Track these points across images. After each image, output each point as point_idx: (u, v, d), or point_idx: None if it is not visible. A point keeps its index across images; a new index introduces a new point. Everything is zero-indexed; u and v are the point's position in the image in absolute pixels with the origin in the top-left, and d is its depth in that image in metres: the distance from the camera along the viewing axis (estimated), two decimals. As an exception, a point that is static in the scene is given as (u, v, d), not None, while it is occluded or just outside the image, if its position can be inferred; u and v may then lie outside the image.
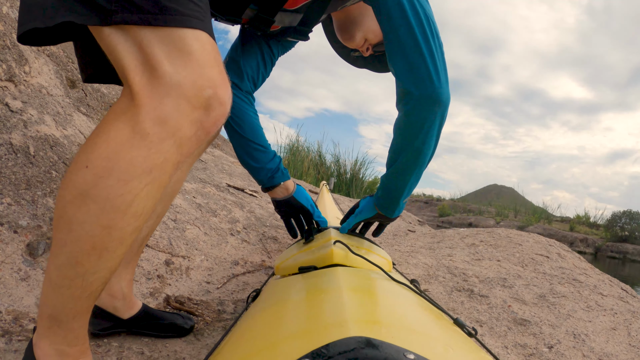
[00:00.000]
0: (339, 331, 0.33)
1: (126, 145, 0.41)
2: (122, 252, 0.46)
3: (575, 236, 10.58)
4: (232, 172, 2.55)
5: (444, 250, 1.88)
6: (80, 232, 0.42)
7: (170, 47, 0.41)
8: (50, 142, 1.14)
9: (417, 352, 0.30)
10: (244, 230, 1.64)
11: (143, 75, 0.41)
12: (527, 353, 1.07)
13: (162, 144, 0.42)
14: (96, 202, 0.41)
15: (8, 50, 1.19)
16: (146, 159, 0.41)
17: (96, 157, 0.41)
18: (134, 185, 0.42)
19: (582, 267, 1.83)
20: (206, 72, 0.43)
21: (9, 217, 0.92)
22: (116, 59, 0.42)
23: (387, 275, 0.65)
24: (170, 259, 1.17)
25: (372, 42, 0.94)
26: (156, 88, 0.41)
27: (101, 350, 0.74)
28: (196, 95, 0.42)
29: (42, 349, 0.50)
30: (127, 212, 0.42)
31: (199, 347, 0.82)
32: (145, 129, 0.41)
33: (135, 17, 0.40)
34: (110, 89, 1.82)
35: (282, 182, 0.96)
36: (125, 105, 0.42)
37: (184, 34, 0.42)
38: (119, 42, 0.41)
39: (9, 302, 0.80)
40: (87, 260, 0.44)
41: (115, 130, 0.41)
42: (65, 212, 0.43)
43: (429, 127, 0.71)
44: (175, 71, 0.41)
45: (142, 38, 0.41)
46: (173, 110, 0.41)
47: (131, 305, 0.78)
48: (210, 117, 0.44)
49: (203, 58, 0.43)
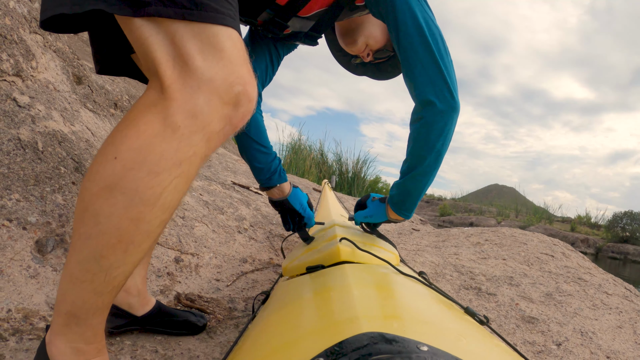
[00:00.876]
0: (351, 328, 0.33)
1: (157, 138, 0.41)
2: (148, 246, 0.45)
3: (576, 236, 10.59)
4: (237, 169, 2.54)
5: (449, 248, 1.88)
6: (107, 225, 0.42)
7: (204, 43, 0.41)
8: (59, 137, 1.13)
9: (430, 344, 0.30)
10: (251, 228, 1.63)
11: (175, 68, 0.41)
12: (536, 350, 1.07)
13: (192, 138, 0.42)
14: (125, 194, 0.41)
15: (15, 45, 1.18)
16: (177, 152, 0.41)
17: (126, 149, 0.41)
18: (163, 178, 0.41)
19: (586, 266, 1.83)
20: (237, 69, 0.43)
21: (17, 213, 0.92)
22: (146, 52, 0.42)
23: (395, 269, 0.65)
24: (179, 257, 1.17)
25: (374, 48, 0.96)
26: (188, 82, 0.41)
27: (114, 349, 0.74)
28: (227, 91, 0.42)
29: (58, 347, 0.49)
30: (155, 205, 0.42)
31: (212, 345, 0.82)
32: (177, 122, 0.41)
33: (170, 10, 0.40)
34: (114, 86, 1.81)
35: (278, 184, 1.01)
36: (154, 98, 0.41)
37: (217, 31, 0.42)
38: (150, 35, 0.41)
39: (18, 300, 0.79)
40: (112, 254, 0.43)
41: (145, 122, 0.41)
42: (91, 205, 0.42)
43: (448, 131, 0.80)
44: (207, 66, 0.41)
45: (175, 32, 0.41)
46: (204, 105, 0.41)
47: (145, 302, 0.78)
48: (239, 113, 0.44)
49: (234, 55, 0.43)
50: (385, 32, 0.95)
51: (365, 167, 6.76)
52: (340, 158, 6.80)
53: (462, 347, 0.33)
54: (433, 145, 0.80)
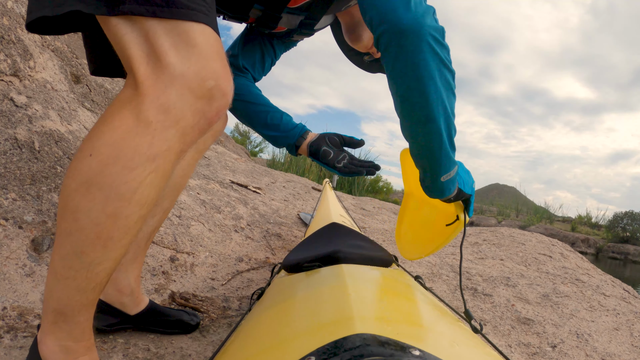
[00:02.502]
0: (344, 328, 0.33)
1: (131, 133, 0.41)
2: (127, 242, 0.46)
3: (577, 236, 10.57)
4: (236, 168, 2.55)
5: (447, 248, 1.88)
6: (85, 220, 0.42)
7: (176, 39, 0.42)
8: (55, 137, 1.14)
9: (423, 348, 0.30)
10: (248, 227, 1.64)
11: (148, 65, 0.41)
12: (531, 352, 1.07)
13: (165, 132, 0.42)
14: (101, 190, 0.42)
15: (13, 45, 1.18)
16: (150, 147, 0.42)
17: (101, 145, 0.42)
18: (138, 173, 0.42)
19: (584, 267, 1.83)
20: (210, 64, 0.43)
21: (13, 212, 0.92)
22: (122, 49, 0.43)
23: (392, 272, 0.65)
24: (175, 255, 1.17)
25: None
26: (160, 78, 0.41)
27: (107, 347, 0.74)
28: (199, 85, 0.43)
29: (48, 346, 0.49)
30: (131, 200, 0.43)
31: (204, 344, 0.82)
32: (149, 117, 0.41)
33: (142, 8, 0.41)
34: (114, 84, 1.82)
35: (304, 133, 0.89)
36: (129, 94, 0.42)
37: (189, 27, 0.43)
38: (125, 32, 0.42)
39: (13, 298, 0.80)
40: (92, 250, 0.44)
41: (119, 118, 0.42)
42: (71, 201, 0.43)
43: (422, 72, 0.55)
44: (179, 62, 0.42)
45: (148, 29, 0.42)
46: (176, 100, 0.42)
47: (138, 301, 0.78)
48: (213, 107, 0.45)
49: (207, 51, 0.44)
50: None
51: (366, 166, 6.75)
52: (340, 157, 6.78)
53: (453, 354, 0.33)
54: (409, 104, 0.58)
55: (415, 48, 0.53)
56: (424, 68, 0.54)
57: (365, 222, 2.63)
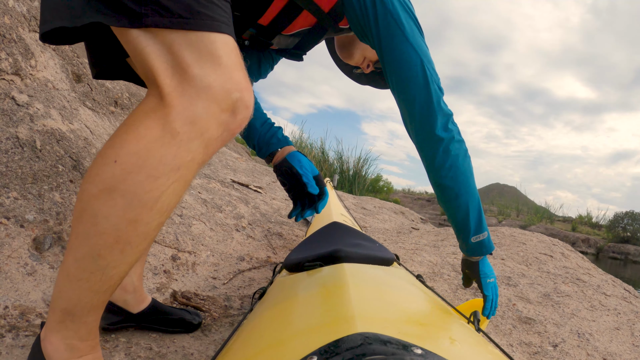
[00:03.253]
0: (346, 327, 0.33)
1: (157, 143, 0.41)
2: (144, 247, 0.46)
3: (577, 236, 10.56)
4: (236, 167, 2.55)
5: (448, 248, 1.88)
6: (105, 225, 0.43)
7: (201, 51, 0.42)
8: (57, 136, 1.14)
9: (425, 347, 0.30)
10: (249, 226, 1.64)
11: (173, 77, 0.41)
12: (532, 351, 1.07)
13: (190, 144, 0.43)
14: (124, 197, 0.42)
15: (14, 44, 1.18)
16: (175, 157, 0.42)
17: (126, 153, 0.42)
18: (162, 182, 0.42)
19: (585, 266, 1.82)
20: (234, 75, 0.44)
21: (15, 211, 0.92)
22: (144, 61, 0.42)
23: (393, 271, 0.65)
24: (176, 254, 1.17)
25: (372, 60, 0.95)
26: (187, 90, 0.42)
27: (109, 346, 0.74)
28: (225, 98, 0.43)
29: (52, 343, 0.49)
30: (153, 208, 0.43)
31: (206, 343, 0.82)
32: (176, 128, 0.42)
33: (167, 20, 0.41)
34: (114, 83, 1.82)
35: (278, 148, 0.92)
36: (154, 105, 0.42)
37: (214, 39, 0.43)
38: (147, 44, 0.42)
39: (15, 297, 0.80)
40: (109, 254, 0.44)
41: (145, 128, 0.42)
42: (90, 206, 0.43)
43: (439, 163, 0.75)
44: (205, 74, 0.42)
45: (172, 41, 0.42)
46: (203, 112, 0.42)
47: (141, 299, 0.79)
48: (237, 119, 0.45)
49: (230, 62, 0.44)
50: None
51: (367, 165, 6.77)
52: (341, 156, 6.81)
53: (455, 352, 0.33)
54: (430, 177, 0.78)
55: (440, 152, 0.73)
56: (447, 162, 0.74)
57: (366, 222, 2.63)
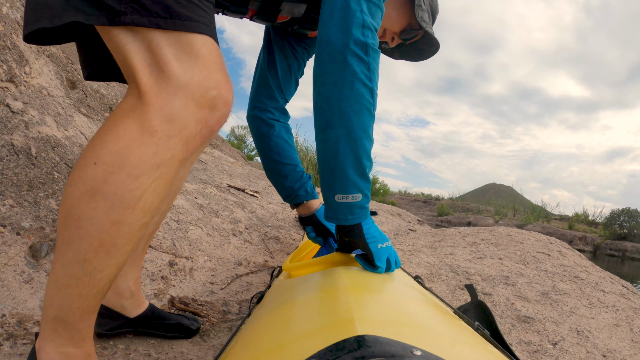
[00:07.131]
0: (345, 330, 0.33)
1: (135, 142, 0.42)
2: (130, 249, 0.46)
3: (574, 234, 10.61)
4: (232, 172, 2.54)
5: (445, 249, 1.88)
6: (89, 228, 0.42)
7: (179, 50, 0.43)
8: (52, 143, 1.13)
9: (424, 348, 0.30)
10: (246, 231, 1.63)
11: (151, 75, 0.42)
12: (532, 350, 1.07)
13: (169, 141, 0.43)
14: (106, 198, 0.42)
15: (8, 51, 1.18)
16: (154, 155, 0.42)
17: (106, 154, 0.42)
18: (143, 181, 0.42)
19: (583, 264, 1.83)
20: (212, 74, 0.44)
21: (11, 218, 0.92)
22: (124, 59, 0.43)
23: (391, 273, 0.65)
24: (173, 260, 1.17)
25: (394, 30, 0.89)
26: (164, 88, 0.42)
27: (107, 353, 0.73)
28: (202, 95, 0.44)
29: (47, 354, 0.49)
30: (136, 208, 0.43)
31: (205, 349, 0.82)
32: (154, 126, 0.42)
33: (145, 19, 0.41)
34: (109, 90, 1.82)
35: (305, 201, 1.01)
36: (132, 104, 0.43)
37: (192, 39, 0.44)
38: (127, 42, 0.42)
39: (12, 305, 0.79)
40: (95, 257, 0.44)
41: (124, 127, 0.42)
42: (74, 209, 0.43)
43: (327, 78, 0.61)
44: (183, 72, 0.43)
45: (151, 39, 0.42)
46: (180, 109, 0.43)
47: (139, 303, 0.78)
48: (215, 116, 0.46)
49: (209, 61, 0.44)
50: (403, 11, 0.86)
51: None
52: (337, 159, 6.78)
53: (455, 353, 0.33)
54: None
55: (327, 57, 0.59)
56: (331, 74, 0.59)
57: (364, 224, 2.62)
